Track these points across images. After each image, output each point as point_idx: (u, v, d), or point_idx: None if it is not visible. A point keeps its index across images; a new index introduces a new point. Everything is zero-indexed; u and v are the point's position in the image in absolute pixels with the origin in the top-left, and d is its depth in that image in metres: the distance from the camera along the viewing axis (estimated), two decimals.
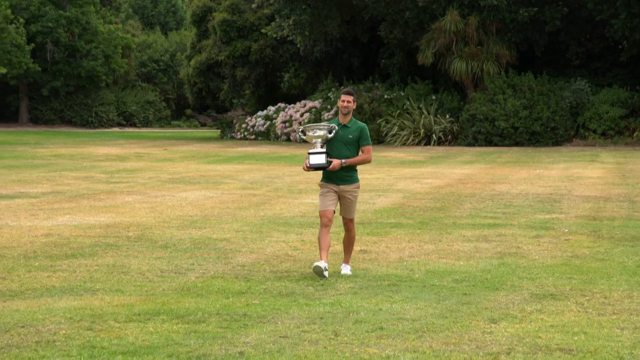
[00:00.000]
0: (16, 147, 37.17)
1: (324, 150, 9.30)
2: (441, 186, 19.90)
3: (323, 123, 9.54)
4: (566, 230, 12.82)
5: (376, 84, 42.11)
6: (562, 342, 6.56)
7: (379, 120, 39.31)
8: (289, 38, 44.69)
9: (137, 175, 23.15)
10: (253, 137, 45.92)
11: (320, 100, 42.85)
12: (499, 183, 20.50)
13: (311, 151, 9.31)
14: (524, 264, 10.00)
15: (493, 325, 7.09)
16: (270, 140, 44.42)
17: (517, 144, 37.15)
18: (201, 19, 52.72)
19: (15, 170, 24.55)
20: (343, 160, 9.25)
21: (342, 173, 9.33)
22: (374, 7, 40.37)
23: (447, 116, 38.82)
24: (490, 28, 38.67)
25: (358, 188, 9.49)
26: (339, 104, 9.39)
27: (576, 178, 21.75)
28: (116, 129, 65.17)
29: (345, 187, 9.36)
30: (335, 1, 41.97)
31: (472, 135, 37.77)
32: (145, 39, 75.46)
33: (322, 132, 9.30)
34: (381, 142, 38.79)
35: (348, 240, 9.53)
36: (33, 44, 60.12)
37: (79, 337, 6.65)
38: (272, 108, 45.91)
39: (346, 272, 9.39)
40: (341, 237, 10.23)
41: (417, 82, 40.94)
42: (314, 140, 9.31)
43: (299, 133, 9.63)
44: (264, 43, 48.39)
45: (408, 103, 39.31)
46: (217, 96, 55.11)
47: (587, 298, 8.17)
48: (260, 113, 46.59)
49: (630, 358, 6.20)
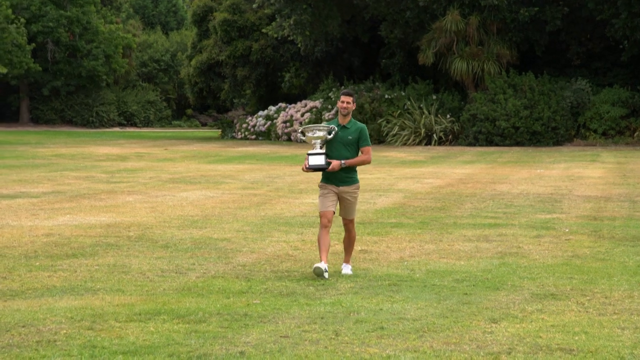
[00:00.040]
0: (17, 147, 37.18)
1: (323, 151, 9.28)
2: (442, 186, 19.90)
3: (322, 124, 9.53)
4: (567, 230, 12.82)
5: (377, 84, 42.09)
6: (563, 342, 6.56)
7: (380, 120, 39.30)
8: (290, 38, 44.68)
9: (138, 175, 23.15)
10: (254, 137, 45.92)
11: (321, 100, 42.84)
12: (500, 183, 20.50)
13: (310, 152, 9.29)
14: (525, 264, 10.00)
15: (494, 325, 7.10)
16: (270, 140, 44.42)
17: (518, 144, 37.14)
18: (202, 19, 52.73)
19: (16, 170, 24.55)
20: (342, 161, 9.23)
21: (342, 174, 9.31)
22: (375, 7, 40.36)
23: (448, 116, 38.81)
24: (491, 28, 38.66)
25: (358, 189, 9.47)
26: (339, 105, 9.38)
27: (577, 178, 21.75)
28: (117, 129, 65.17)
29: (345, 189, 9.35)
30: (335, 1, 41.96)
31: (473, 135, 37.76)
32: (146, 39, 75.47)
33: (322, 133, 9.29)
34: (382, 142, 38.78)
35: (348, 240, 9.55)
36: (34, 44, 60.13)
37: (80, 337, 6.65)
38: (273, 108, 45.90)
39: (347, 272, 9.39)
40: (341, 237, 10.24)
41: (418, 82, 40.93)
42: (313, 141, 9.29)
43: (299, 134, 9.62)
44: (265, 43, 48.39)
45: (409, 103, 39.29)
46: (218, 96, 55.12)
47: (588, 298, 8.17)
48: (261, 113, 46.58)
49: (630, 358, 6.20)
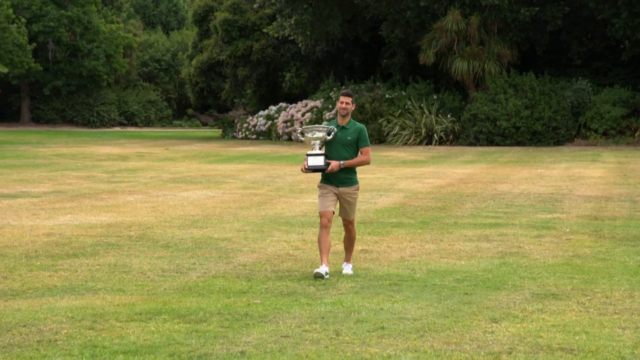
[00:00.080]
0: (18, 147, 37.19)
1: (323, 152, 9.25)
2: (442, 186, 19.90)
3: (322, 125, 9.51)
4: (567, 230, 12.82)
5: (377, 84, 42.08)
6: (564, 342, 6.56)
7: (381, 119, 39.28)
8: (291, 38, 44.69)
9: (139, 174, 23.16)
10: (254, 137, 45.91)
11: (321, 99, 42.83)
12: (501, 183, 20.50)
13: (309, 153, 9.25)
14: (526, 264, 10.00)
15: (494, 324, 7.09)
16: (271, 139, 44.41)
17: (519, 144, 37.13)
18: (203, 19, 52.73)
19: (17, 169, 24.56)
20: (341, 162, 9.21)
21: (341, 175, 9.29)
22: (376, 7, 40.36)
23: (449, 116, 38.80)
24: (491, 27, 38.66)
25: (357, 190, 9.45)
26: (338, 106, 9.36)
27: (577, 178, 21.74)
28: (118, 129, 65.18)
29: (344, 190, 9.32)
30: (336, 1, 41.96)
31: (474, 134, 37.75)
32: (146, 39, 75.47)
33: (321, 134, 9.26)
34: (382, 142, 38.77)
35: (349, 240, 9.54)
36: (35, 44, 60.13)
37: (81, 337, 6.66)
38: (274, 108, 45.89)
39: (347, 272, 9.39)
40: (342, 237, 10.23)
41: (419, 82, 40.93)
42: (313, 142, 9.26)
43: (298, 134, 9.61)
44: (266, 43, 48.40)
45: (409, 103, 39.29)
46: (219, 96, 55.12)
47: (589, 298, 8.17)
48: (261, 113, 46.57)
49: (631, 358, 6.20)
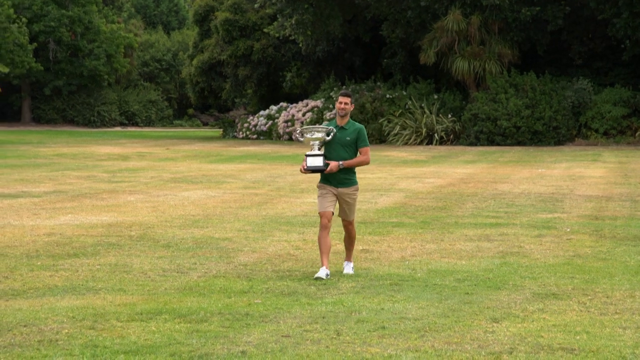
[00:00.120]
0: (19, 147, 37.20)
1: (322, 152, 9.24)
2: (443, 185, 19.90)
3: (321, 125, 9.51)
4: (568, 229, 12.82)
5: (378, 84, 42.07)
6: (564, 342, 6.56)
7: (381, 119, 39.26)
8: (291, 37, 44.67)
9: (140, 174, 23.16)
10: (255, 137, 45.91)
11: (322, 99, 42.81)
12: (501, 182, 20.50)
13: (308, 153, 9.23)
14: (526, 264, 10.00)
15: (495, 324, 7.09)
16: (272, 139, 44.41)
17: (519, 144, 37.12)
18: (203, 19, 52.73)
19: (17, 169, 24.57)
20: (340, 162, 9.19)
21: (341, 175, 9.28)
22: (376, 7, 40.36)
23: (449, 115, 38.78)
24: (492, 27, 38.64)
25: (357, 190, 9.43)
26: (336, 106, 9.34)
27: (578, 177, 21.74)
28: (118, 129, 65.18)
29: (344, 190, 9.31)
30: (337, 1, 41.95)
31: (474, 134, 37.74)
32: (147, 39, 75.48)
33: (320, 135, 9.24)
34: (383, 142, 38.76)
35: (349, 239, 9.52)
36: (35, 44, 60.13)
37: (82, 337, 6.66)
38: (274, 107, 45.89)
39: (348, 272, 9.39)
40: (342, 237, 10.23)
41: (419, 82, 40.91)
42: (312, 142, 9.26)
43: (297, 135, 9.59)
44: (266, 42, 48.39)
45: (410, 102, 39.27)
46: (219, 95, 55.11)
47: (589, 297, 8.17)
48: (262, 112, 46.56)
49: (632, 357, 6.20)
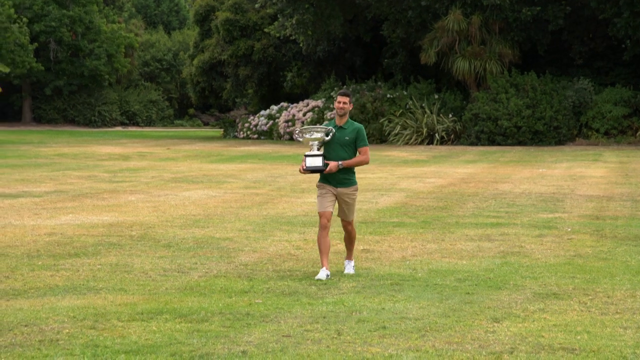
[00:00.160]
0: (19, 146, 37.20)
1: (321, 152, 9.23)
2: (444, 185, 19.90)
3: (320, 125, 9.49)
4: (569, 229, 12.82)
5: (379, 83, 42.06)
6: (565, 342, 6.56)
7: (382, 119, 39.25)
8: (292, 37, 44.67)
9: (140, 174, 23.16)
10: (256, 137, 45.91)
11: (323, 99, 42.81)
12: (502, 182, 20.49)
13: (308, 153, 9.22)
14: (527, 263, 10.00)
15: (496, 324, 7.09)
16: (272, 139, 44.41)
17: (520, 143, 37.11)
18: (204, 18, 52.73)
19: (18, 169, 24.57)
20: (340, 162, 9.18)
21: (340, 175, 9.26)
22: (377, 7, 40.35)
23: (450, 115, 38.78)
24: (493, 27, 38.63)
25: (356, 191, 9.41)
26: (335, 106, 9.33)
27: (579, 177, 21.73)
28: (119, 128, 65.19)
29: (343, 190, 9.29)
30: (338, 0, 41.94)
31: (475, 134, 37.74)
32: (148, 38, 75.49)
33: (319, 135, 9.23)
34: (384, 142, 38.76)
35: (349, 239, 9.50)
36: (36, 44, 60.13)
37: (82, 336, 6.66)
38: (275, 107, 45.89)
39: (349, 272, 9.39)
40: (342, 237, 10.23)
41: (420, 82, 40.90)
42: (311, 142, 9.24)
43: (296, 135, 9.59)
44: (267, 42, 48.39)
45: (411, 102, 39.27)
46: (220, 95, 55.10)
47: (590, 297, 8.17)
48: (263, 112, 46.57)
49: (633, 357, 6.20)
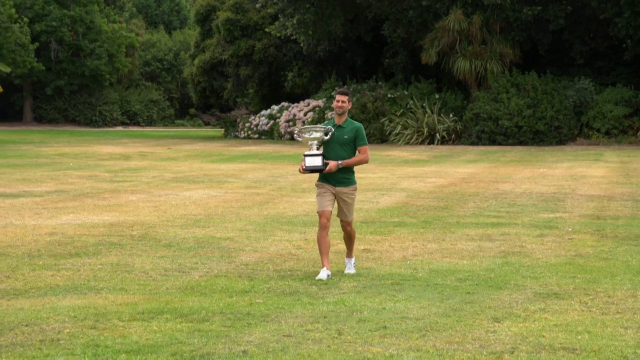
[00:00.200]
0: (20, 146, 37.21)
1: (320, 152, 9.22)
2: (445, 185, 19.90)
3: (319, 125, 9.50)
4: (570, 229, 12.81)
5: (380, 83, 42.06)
6: (566, 341, 6.56)
7: (383, 119, 39.24)
8: (293, 37, 44.66)
9: (141, 174, 23.17)
10: (256, 136, 45.92)
11: (323, 99, 42.81)
12: (503, 182, 20.49)
13: (307, 153, 9.21)
14: (528, 263, 10.00)
15: (497, 324, 7.09)
16: (273, 139, 44.41)
17: (521, 143, 37.10)
18: (205, 18, 52.73)
19: (19, 169, 24.58)
20: (339, 161, 9.18)
21: (339, 175, 9.25)
22: (378, 6, 40.34)
23: (451, 115, 38.77)
24: (494, 27, 38.61)
25: (355, 190, 9.40)
26: (334, 104, 9.34)
27: (580, 177, 21.72)
28: (120, 128, 65.21)
29: (342, 189, 9.28)
30: (338, 0, 41.94)
31: (476, 134, 37.73)
32: (149, 38, 75.50)
33: (318, 134, 9.23)
34: (384, 141, 38.75)
35: (348, 238, 9.47)
36: (37, 43, 60.15)
37: (83, 336, 6.66)
38: (276, 107, 45.89)
39: (350, 271, 9.39)
40: (342, 236, 10.22)
41: (421, 81, 40.89)
42: (310, 142, 9.24)
43: (295, 135, 9.58)
44: (268, 42, 48.39)
45: (411, 102, 39.26)
46: (221, 95, 55.10)
47: (591, 297, 8.16)
48: (263, 112, 46.57)
49: (634, 357, 6.19)
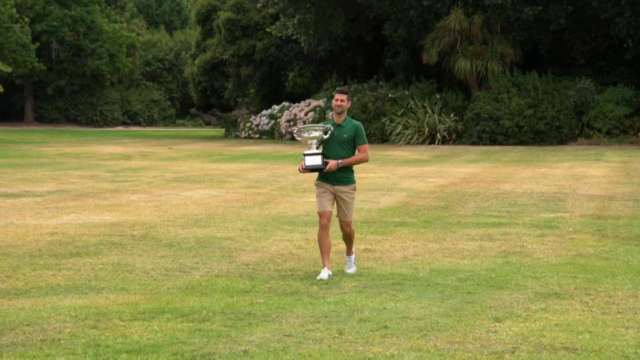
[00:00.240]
0: (21, 146, 37.22)
1: (320, 151, 9.21)
2: (445, 185, 19.89)
3: (318, 124, 9.50)
4: (571, 229, 12.81)
5: (380, 83, 42.06)
6: (567, 341, 6.56)
7: (384, 119, 39.24)
8: (294, 37, 44.67)
9: (142, 174, 23.17)
10: (257, 136, 45.93)
11: (324, 99, 42.80)
12: (504, 182, 20.48)
13: (307, 152, 9.21)
14: (529, 263, 10.00)
15: (497, 324, 7.09)
16: (274, 139, 44.41)
17: (522, 143, 37.09)
18: (206, 18, 52.73)
19: (20, 169, 24.59)
20: (339, 160, 9.17)
21: (339, 174, 9.25)
22: (379, 6, 40.34)
23: (452, 115, 38.76)
24: (494, 27, 38.61)
25: (354, 190, 9.38)
26: (333, 103, 9.34)
27: (581, 177, 21.72)
28: (121, 128, 65.21)
29: (341, 188, 9.27)
30: (339, 0, 41.95)
31: (477, 134, 37.72)
32: (149, 38, 75.50)
33: (317, 133, 9.23)
34: (385, 141, 38.74)
35: (347, 237, 9.45)
36: (38, 43, 60.17)
37: (84, 336, 6.67)
38: (277, 107, 45.90)
39: (350, 271, 9.39)
40: (342, 236, 10.21)
41: (422, 81, 40.89)
42: (309, 141, 9.23)
43: (294, 134, 9.58)
44: (269, 42, 48.39)
45: (412, 102, 39.25)
46: (222, 95, 55.12)
47: (592, 297, 8.16)
48: (264, 112, 46.58)
49: (635, 357, 6.19)
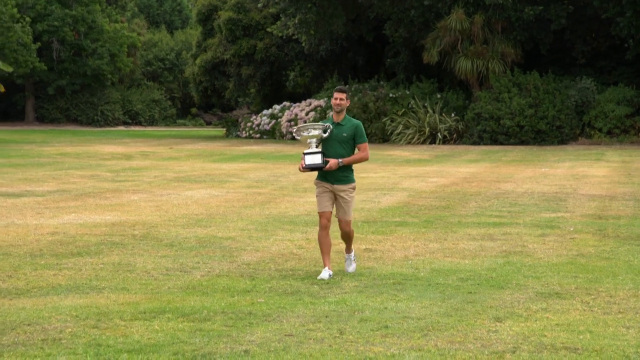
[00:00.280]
0: (22, 146, 37.23)
1: (320, 150, 9.21)
2: (446, 185, 19.89)
3: (318, 123, 9.48)
4: (572, 229, 12.81)
5: (381, 83, 42.06)
6: (568, 341, 6.56)
7: (384, 118, 39.25)
8: (295, 37, 44.67)
9: (143, 173, 23.18)
10: (258, 136, 45.93)
11: (325, 99, 42.79)
12: (505, 182, 20.48)
13: (306, 151, 9.19)
14: (530, 263, 10.00)
15: (498, 323, 7.09)
16: (275, 139, 44.42)
17: (523, 143, 37.08)
18: (207, 18, 52.75)
19: (21, 168, 24.59)
20: (340, 159, 9.17)
21: (338, 173, 9.24)
22: (380, 6, 40.34)
23: (453, 115, 38.76)
24: (495, 26, 38.61)
25: (354, 189, 9.37)
26: (332, 102, 9.33)
27: (582, 177, 21.71)
28: (122, 128, 65.22)
29: (340, 187, 9.26)
30: (340, 0, 41.95)
31: (478, 133, 37.72)
32: (150, 38, 75.52)
33: (317, 132, 9.21)
34: (386, 141, 38.75)
35: (347, 236, 9.44)
36: (39, 43, 60.19)
37: (85, 335, 6.67)
38: (278, 107, 45.90)
39: (351, 270, 9.39)
40: (340, 235, 10.19)
41: (422, 81, 40.89)
42: (309, 140, 9.22)
43: (294, 133, 9.58)
44: (270, 42, 48.40)
45: (413, 102, 39.26)
46: (223, 95, 55.13)
47: (593, 297, 8.16)
48: (265, 112, 46.58)
49: (636, 357, 6.19)
